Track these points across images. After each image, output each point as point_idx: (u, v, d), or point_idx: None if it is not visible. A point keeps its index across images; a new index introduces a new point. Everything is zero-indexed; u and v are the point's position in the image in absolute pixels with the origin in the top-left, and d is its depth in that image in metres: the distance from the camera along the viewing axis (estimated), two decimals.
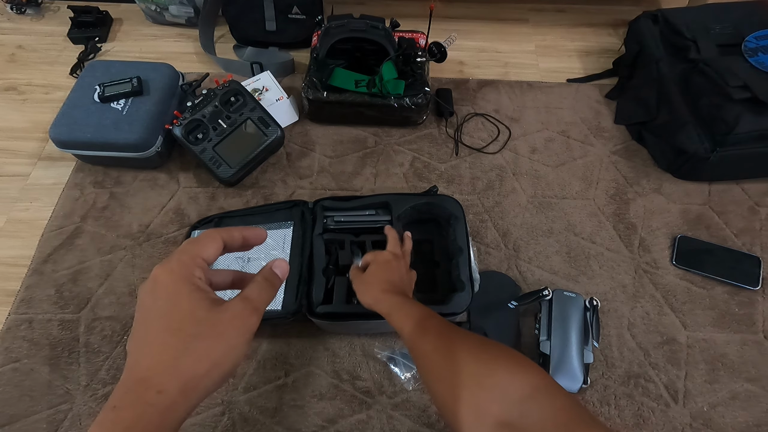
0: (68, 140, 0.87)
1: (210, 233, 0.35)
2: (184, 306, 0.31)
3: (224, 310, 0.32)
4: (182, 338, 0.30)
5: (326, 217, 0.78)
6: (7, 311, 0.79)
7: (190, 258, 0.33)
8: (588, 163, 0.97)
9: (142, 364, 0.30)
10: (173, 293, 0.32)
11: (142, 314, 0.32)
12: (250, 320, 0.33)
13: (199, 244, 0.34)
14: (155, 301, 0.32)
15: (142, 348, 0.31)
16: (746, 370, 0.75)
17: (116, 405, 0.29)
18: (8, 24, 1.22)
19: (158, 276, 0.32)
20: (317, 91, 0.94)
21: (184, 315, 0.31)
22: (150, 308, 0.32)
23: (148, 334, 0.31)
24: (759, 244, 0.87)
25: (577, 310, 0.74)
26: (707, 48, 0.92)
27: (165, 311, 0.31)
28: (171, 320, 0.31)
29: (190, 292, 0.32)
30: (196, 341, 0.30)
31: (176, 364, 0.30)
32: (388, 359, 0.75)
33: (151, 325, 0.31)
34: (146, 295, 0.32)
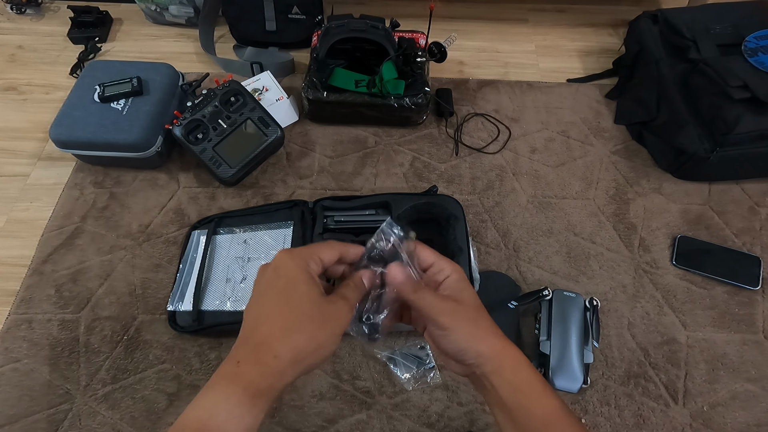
0: (68, 140, 0.87)
1: (332, 244, 0.40)
2: (301, 289, 0.35)
3: (331, 302, 0.36)
4: (297, 316, 0.34)
5: (326, 217, 0.78)
6: (7, 311, 0.79)
7: (310, 253, 0.38)
8: (588, 163, 0.97)
9: (262, 330, 0.34)
10: (293, 276, 0.36)
11: (263, 287, 0.36)
12: (348, 315, 0.37)
13: (320, 247, 0.39)
14: (277, 279, 0.36)
15: (262, 316, 0.35)
16: (746, 370, 0.75)
17: (240, 360, 0.33)
18: (8, 24, 1.22)
19: (283, 259, 0.37)
20: (317, 91, 0.94)
21: (301, 296, 0.35)
22: (272, 284, 0.36)
23: (267, 305, 0.35)
24: (759, 244, 0.87)
25: (577, 310, 0.75)
26: (707, 48, 0.92)
27: (285, 289, 0.35)
28: (290, 298, 0.35)
29: (307, 279, 0.36)
30: (308, 321, 0.34)
31: (291, 336, 0.34)
32: (388, 359, 0.75)
33: (271, 298, 0.35)
34: (270, 273, 0.37)
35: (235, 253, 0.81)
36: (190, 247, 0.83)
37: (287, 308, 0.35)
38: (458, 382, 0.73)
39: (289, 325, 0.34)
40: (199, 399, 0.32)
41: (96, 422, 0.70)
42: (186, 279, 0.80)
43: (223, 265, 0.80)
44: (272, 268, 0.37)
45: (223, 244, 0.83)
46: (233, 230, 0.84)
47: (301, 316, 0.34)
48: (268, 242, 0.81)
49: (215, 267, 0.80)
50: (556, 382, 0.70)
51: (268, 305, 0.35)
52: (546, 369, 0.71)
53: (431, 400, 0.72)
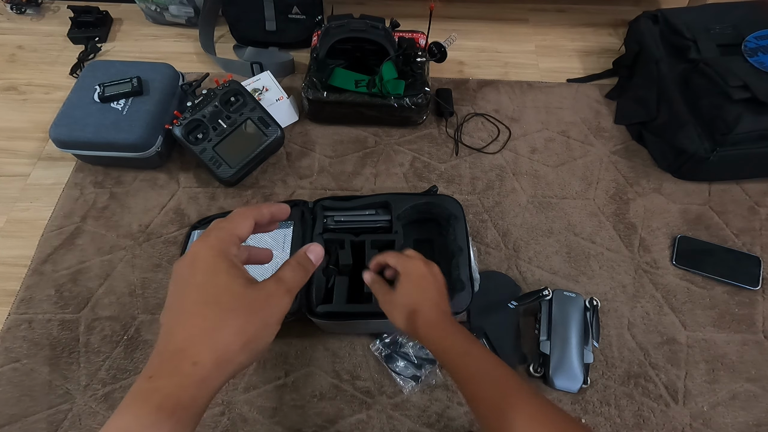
0: (68, 140, 0.87)
1: (241, 211, 0.36)
2: (222, 280, 0.32)
3: (260, 289, 0.32)
4: (219, 311, 0.31)
5: (326, 217, 0.78)
6: (7, 311, 0.79)
7: (227, 234, 0.34)
8: (588, 163, 0.97)
9: (178, 336, 0.30)
10: (212, 268, 0.32)
11: (178, 287, 0.32)
12: (283, 300, 0.33)
13: (233, 222, 0.35)
14: (193, 274, 0.32)
15: (178, 319, 0.31)
16: (746, 370, 0.75)
17: (152, 375, 0.29)
18: (8, 24, 1.22)
19: (198, 251, 0.33)
20: (317, 91, 0.94)
21: (222, 289, 0.31)
22: (187, 281, 0.32)
23: (184, 306, 0.31)
24: (759, 244, 0.87)
25: (577, 310, 0.75)
26: (707, 48, 0.92)
27: (203, 284, 0.32)
28: (208, 294, 0.31)
29: (228, 268, 0.32)
30: (233, 316, 0.31)
31: (212, 336, 0.30)
32: (387, 359, 0.75)
33: (187, 297, 0.32)
34: (184, 269, 0.33)
35: None
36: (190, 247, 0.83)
37: (206, 305, 0.31)
38: None
39: (210, 324, 0.30)
40: (110, 424, 0.28)
41: (96, 422, 0.70)
42: None
43: None
44: (187, 263, 0.33)
45: None
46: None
47: (222, 312, 0.31)
48: (268, 242, 0.81)
49: None
50: (556, 382, 0.70)
51: (184, 306, 0.31)
52: (546, 369, 0.71)
53: (431, 400, 0.72)
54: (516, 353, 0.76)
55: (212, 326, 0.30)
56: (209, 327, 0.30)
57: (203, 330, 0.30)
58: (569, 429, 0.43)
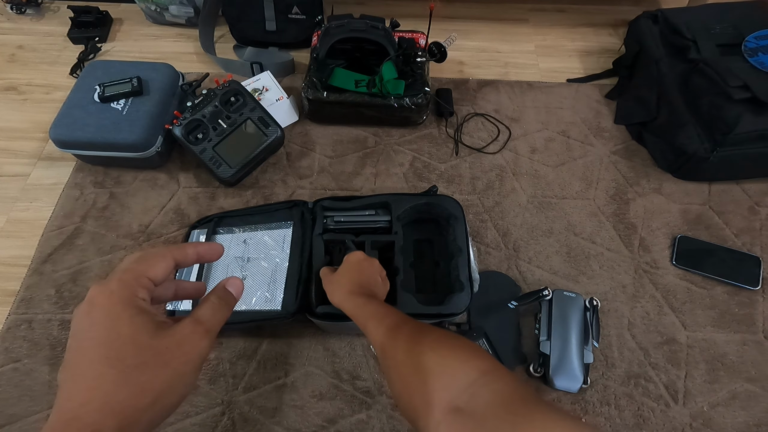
0: (68, 140, 0.87)
1: (159, 251, 0.32)
2: (125, 331, 0.28)
3: (171, 335, 0.29)
4: (121, 369, 0.27)
5: (326, 217, 0.78)
6: (7, 311, 0.79)
7: (133, 277, 0.30)
8: (588, 163, 0.97)
9: (74, 400, 0.27)
10: (112, 317, 0.28)
11: (76, 341, 0.28)
12: (200, 344, 0.30)
13: (145, 263, 0.31)
14: (92, 326, 0.28)
15: (74, 381, 0.27)
16: (746, 370, 0.75)
17: None
18: (8, 24, 1.22)
19: (95, 298, 0.29)
20: (317, 91, 0.94)
21: (124, 342, 0.28)
22: (85, 335, 0.28)
23: (82, 365, 0.28)
24: (759, 244, 0.87)
25: (577, 310, 0.75)
26: (707, 48, 0.92)
27: (102, 338, 0.28)
28: (109, 348, 0.27)
29: (131, 316, 0.28)
30: (137, 372, 0.27)
31: (113, 399, 0.26)
32: None
33: (85, 354, 0.28)
34: (82, 320, 0.29)
35: (234, 253, 0.81)
36: None
37: (105, 363, 0.27)
38: None
39: (111, 386, 0.27)
40: None
41: None
42: (185, 279, 0.79)
43: (223, 265, 0.80)
44: (84, 312, 0.29)
45: (223, 243, 0.82)
46: (233, 230, 0.84)
47: (125, 369, 0.27)
48: (268, 242, 0.81)
49: (214, 267, 0.80)
50: (556, 382, 0.70)
51: (81, 365, 0.28)
52: (546, 369, 0.71)
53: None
54: (516, 353, 0.76)
55: (113, 387, 0.27)
56: (110, 389, 0.27)
57: (103, 393, 0.26)
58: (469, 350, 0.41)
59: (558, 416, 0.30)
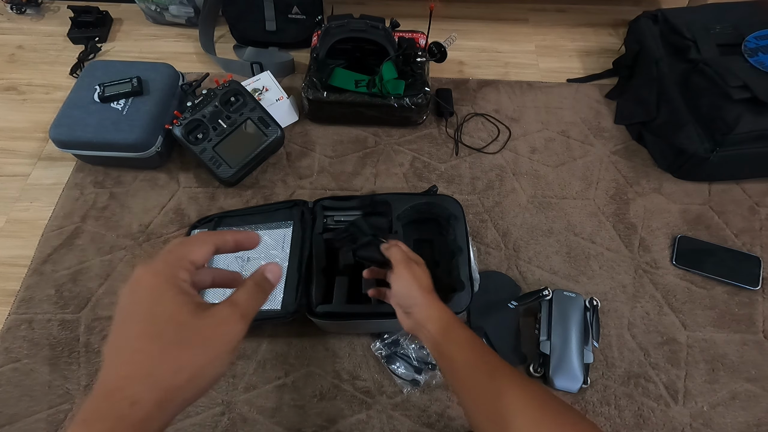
0: (68, 140, 0.87)
1: (202, 236, 0.34)
2: (167, 309, 0.29)
3: (209, 316, 0.30)
4: (161, 345, 0.28)
5: (326, 217, 0.78)
6: (7, 311, 0.79)
7: (176, 259, 0.31)
8: (588, 163, 0.97)
9: (116, 373, 0.28)
10: (156, 295, 0.30)
11: (121, 317, 0.30)
12: (236, 327, 0.31)
13: (187, 246, 0.32)
14: (136, 303, 0.30)
15: (117, 354, 0.29)
16: (746, 370, 0.75)
17: (86, 418, 0.27)
18: (8, 24, 1.22)
19: (141, 276, 0.30)
20: (317, 91, 0.94)
21: (166, 319, 0.29)
22: (129, 311, 0.30)
23: (125, 340, 0.29)
24: (759, 244, 0.87)
25: (577, 310, 0.75)
26: (707, 48, 0.92)
27: (145, 315, 0.29)
28: (151, 325, 0.29)
29: (174, 295, 0.30)
30: (177, 349, 0.28)
31: (153, 374, 0.28)
32: (387, 359, 0.75)
33: (129, 329, 0.29)
34: (126, 297, 0.30)
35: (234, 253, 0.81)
36: None
37: (147, 339, 0.28)
38: None
39: (151, 361, 0.28)
40: None
41: None
42: None
43: (223, 265, 0.80)
44: (130, 290, 0.30)
45: None
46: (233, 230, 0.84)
47: (165, 345, 0.28)
48: (268, 242, 0.81)
49: (215, 265, 0.80)
50: (556, 382, 0.70)
51: (125, 340, 0.29)
52: (546, 369, 0.71)
53: (431, 400, 0.72)
54: (516, 353, 0.76)
55: (154, 362, 0.28)
56: (150, 364, 0.28)
57: (144, 367, 0.28)
58: (568, 419, 0.42)
59: None
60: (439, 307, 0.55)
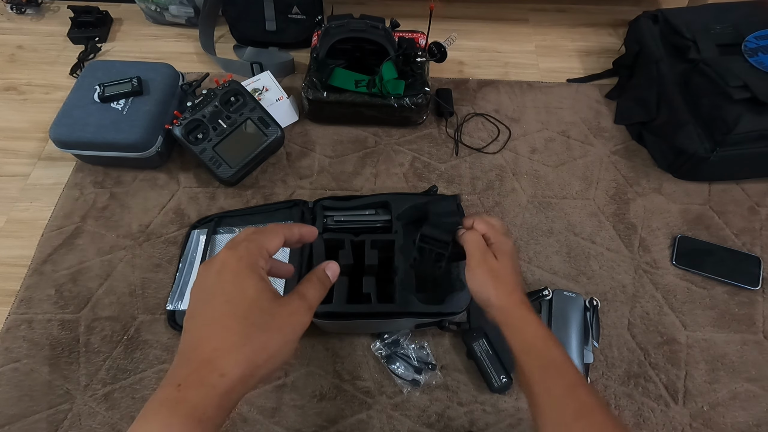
0: (68, 140, 0.87)
1: (273, 228, 0.37)
2: (250, 294, 0.32)
3: (284, 305, 0.33)
4: (246, 326, 0.31)
5: (326, 217, 0.78)
6: (7, 311, 0.79)
7: (257, 248, 0.34)
8: (588, 163, 0.97)
9: (207, 345, 0.31)
10: (240, 279, 0.33)
11: (205, 293, 0.33)
12: (304, 317, 0.34)
13: (264, 236, 0.36)
14: (222, 283, 0.33)
15: (206, 328, 0.32)
16: (746, 370, 0.75)
17: (181, 383, 0.30)
18: (8, 24, 1.22)
19: (227, 259, 0.33)
20: (317, 91, 0.94)
21: (250, 303, 0.32)
22: (215, 290, 0.32)
23: (212, 316, 0.32)
24: (759, 244, 0.87)
25: (577, 310, 0.75)
26: (707, 48, 0.92)
27: (231, 296, 0.32)
28: (237, 306, 0.32)
29: (256, 282, 0.33)
30: (259, 331, 0.31)
31: (240, 350, 0.30)
32: (388, 359, 0.75)
33: (215, 307, 0.32)
34: (212, 275, 0.33)
35: None
36: (189, 247, 0.83)
37: (234, 318, 0.31)
38: (458, 382, 0.73)
39: (238, 338, 0.31)
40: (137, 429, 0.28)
41: (96, 422, 0.70)
42: (186, 278, 0.80)
43: None
44: (216, 270, 0.33)
45: (223, 243, 0.82)
46: (233, 230, 0.84)
47: (249, 327, 0.31)
48: None
49: None
50: None
51: (212, 315, 0.32)
52: None
53: (431, 400, 0.72)
54: None
55: (240, 340, 0.31)
56: (237, 341, 0.31)
57: (231, 343, 0.31)
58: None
59: None
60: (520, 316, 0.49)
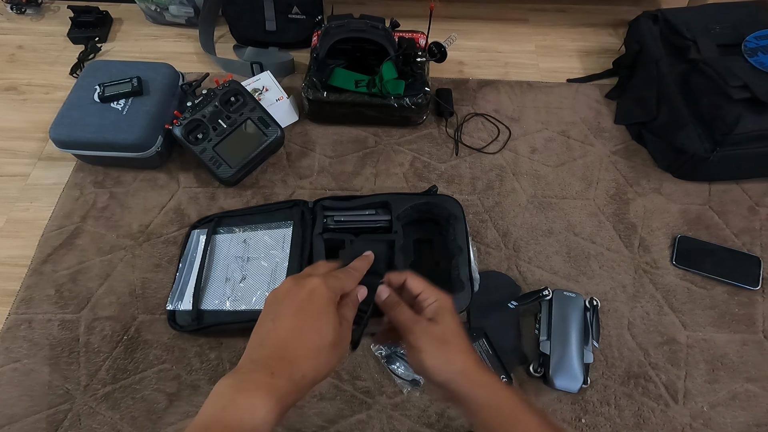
0: (68, 140, 0.87)
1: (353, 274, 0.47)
2: (330, 318, 0.41)
3: (342, 329, 0.42)
4: (323, 343, 0.40)
5: (326, 217, 0.78)
6: (7, 311, 0.79)
7: (341, 286, 0.44)
8: (588, 163, 0.97)
9: (295, 349, 0.39)
10: (325, 305, 0.41)
11: (297, 306, 0.41)
12: (349, 335, 0.43)
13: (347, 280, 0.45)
14: (312, 303, 0.41)
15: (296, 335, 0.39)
16: (746, 370, 0.75)
17: (274, 372, 0.37)
18: (8, 24, 1.22)
19: (318, 286, 0.42)
20: (317, 91, 0.94)
21: (328, 325, 0.40)
22: (306, 307, 0.41)
23: (302, 327, 0.40)
24: (759, 244, 0.87)
25: (577, 310, 0.75)
26: (707, 48, 0.92)
27: (317, 315, 0.40)
28: (320, 325, 0.40)
29: (335, 311, 0.42)
30: (330, 348, 0.40)
31: (316, 359, 0.39)
32: (387, 359, 0.75)
33: (305, 320, 0.40)
34: (305, 294, 0.41)
35: (234, 252, 0.81)
36: (189, 247, 0.83)
37: (317, 334, 0.40)
38: None
39: (317, 351, 0.39)
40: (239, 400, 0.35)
41: (96, 422, 0.70)
42: (185, 278, 0.80)
43: (223, 265, 0.80)
44: (308, 291, 0.41)
45: (223, 243, 0.83)
46: (233, 230, 0.84)
47: (325, 343, 0.40)
48: (268, 242, 0.81)
49: (215, 266, 0.80)
50: (556, 382, 0.70)
51: (302, 326, 0.40)
52: (546, 369, 0.71)
53: (431, 400, 0.72)
54: (516, 353, 0.76)
55: (317, 352, 0.39)
56: (316, 353, 0.39)
57: (312, 352, 0.39)
58: None
59: None
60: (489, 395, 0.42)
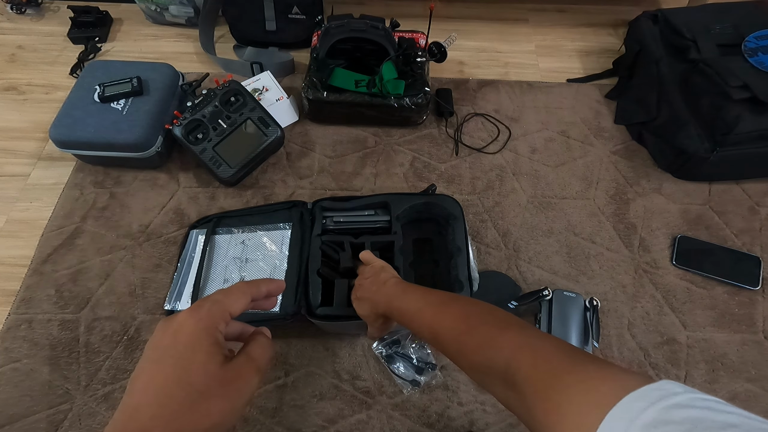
0: (68, 140, 0.87)
1: (241, 288, 0.37)
2: (201, 358, 0.31)
3: (232, 369, 0.32)
4: (190, 393, 0.30)
5: (325, 218, 0.78)
6: (7, 311, 0.79)
7: (219, 311, 0.34)
8: (588, 163, 0.97)
9: (146, 412, 0.30)
10: (194, 342, 0.32)
11: (157, 353, 0.32)
12: (252, 381, 0.33)
13: (230, 298, 0.35)
14: (175, 345, 0.32)
15: (149, 393, 0.31)
16: (746, 370, 0.75)
17: None
18: (8, 24, 1.22)
19: (185, 321, 0.33)
20: (317, 91, 0.94)
21: (198, 367, 0.31)
22: (167, 351, 0.32)
23: (157, 381, 0.31)
24: (759, 244, 0.87)
25: (577, 310, 0.75)
26: (707, 48, 0.92)
27: (180, 359, 0.31)
28: (184, 371, 0.31)
29: (209, 345, 0.32)
30: (203, 398, 0.30)
31: (178, 420, 0.30)
32: (387, 359, 0.75)
33: (163, 370, 0.31)
34: (166, 335, 0.32)
35: (233, 253, 0.81)
36: (188, 247, 0.83)
37: (178, 385, 0.30)
38: (458, 382, 0.73)
39: (179, 407, 0.30)
40: None
41: (96, 422, 0.70)
42: (184, 278, 0.80)
43: (221, 266, 0.80)
44: (172, 330, 0.32)
45: (222, 244, 0.83)
46: (232, 231, 0.84)
47: (193, 394, 0.30)
48: (267, 243, 0.81)
49: (213, 267, 0.80)
50: None
51: (157, 379, 0.31)
52: None
53: (431, 400, 0.72)
54: None
55: (181, 409, 0.30)
56: (177, 409, 0.30)
57: (171, 411, 0.30)
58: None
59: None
60: (392, 310, 0.56)
